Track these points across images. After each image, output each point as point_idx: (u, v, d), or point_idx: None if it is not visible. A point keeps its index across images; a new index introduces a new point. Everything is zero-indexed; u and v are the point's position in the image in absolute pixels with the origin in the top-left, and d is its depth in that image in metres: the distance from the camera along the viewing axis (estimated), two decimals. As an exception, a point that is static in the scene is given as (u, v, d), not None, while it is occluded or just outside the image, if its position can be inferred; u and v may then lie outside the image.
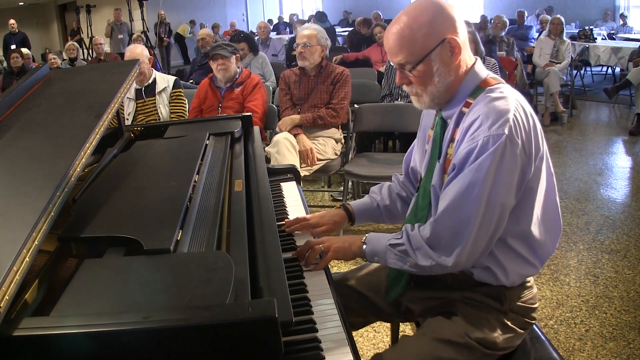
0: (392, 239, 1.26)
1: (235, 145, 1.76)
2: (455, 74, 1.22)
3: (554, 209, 1.27)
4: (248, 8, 16.30)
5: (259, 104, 3.33)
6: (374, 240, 1.30)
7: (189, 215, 1.15)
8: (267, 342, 0.79)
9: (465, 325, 1.25)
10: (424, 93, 1.24)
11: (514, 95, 1.19)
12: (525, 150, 1.14)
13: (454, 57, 1.20)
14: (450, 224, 1.16)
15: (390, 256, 1.25)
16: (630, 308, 2.41)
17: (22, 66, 6.57)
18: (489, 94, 1.18)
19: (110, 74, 1.77)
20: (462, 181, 1.14)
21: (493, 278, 1.25)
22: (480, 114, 1.15)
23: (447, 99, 1.25)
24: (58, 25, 15.64)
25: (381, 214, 1.55)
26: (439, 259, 1.17)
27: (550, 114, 5.84)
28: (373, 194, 1.57)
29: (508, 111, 1.13)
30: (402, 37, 1.20)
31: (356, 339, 1.60)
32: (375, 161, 3.35)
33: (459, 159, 1.17)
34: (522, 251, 1.24)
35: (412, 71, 1.21)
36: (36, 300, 0.97)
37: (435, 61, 1.20)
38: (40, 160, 1.16)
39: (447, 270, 1.19)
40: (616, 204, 3.67)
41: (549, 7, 10.60)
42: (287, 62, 6.22)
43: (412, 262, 1.21)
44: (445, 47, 1.19)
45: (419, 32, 1.18)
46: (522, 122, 1.14)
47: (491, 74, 1.27)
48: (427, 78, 1.21)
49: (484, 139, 1.12)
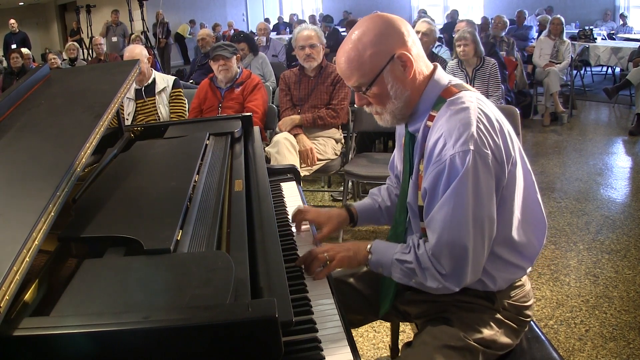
0: (399, 253, 1.24)
1: (235, 145, 1.76)
2: (412, 88, 1.20)
3: (536, 205, 1.26)
4: (248, 8, 16.30)
5: (259, 104, 3.33)
6: (380, 251, 1.27)
7: (189, 215, 1.15)
8: (267, 342, 0.79)
9: (462, 328, 1.24)
10: (384, 111, 1.23)
11: (476, 103, 1.16)
12: (496, 157, 1.12)
13: (407, 72, 1.18)
14: (449, 254, 1.14)
15: (396, 270, 1.24)
16: (630, 308, 2.41)
17: (22, 66, 6.57)
18: (451, 107, 1.16)
19: (110, 74, 1.77)
20: (446, 209, 1.12)
21: (480, 285, 1.26)
22: (442, 132, 1.13)
23: (408, 113, 1.24)
24: (58, 25, 15.63)
25: (383, 215, 1.54)
26: (446, 283, 1.16)
27: (550, 114, 5.83)
28: (374, 196, 1.56)
29: (470, 124, 1.11)
30: (350, 60, 1.18)
31: (356, 339, 1.60)
32: (375, 161, 3.35)
33: (429, 182, 1.15)
34: (509, 257, 1.24)
35: (367, 92, 1.20)
36: (36, 300, 0.97)
37: (388, 79, 1.18)
38: (40, 160, 1.16)
39: (453, 291, 1.19)
40: (616, 204, 3.67)
41: (549, 7, 10.59)
42: (287, 62, 6.22)
43: (419, 281, 1.20)
44: (395, 63, 1.17)
45: (365, 53, 1.16)
46: (487, 131, 1.12)
47: (454, 79, 1.24)
48: (384, 97, 1.20)
49: (450, 158, 1.10)
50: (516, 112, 2.73)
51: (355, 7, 14.42)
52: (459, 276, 1.15)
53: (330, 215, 1.53)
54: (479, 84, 4.16)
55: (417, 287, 1.23)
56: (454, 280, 1.16)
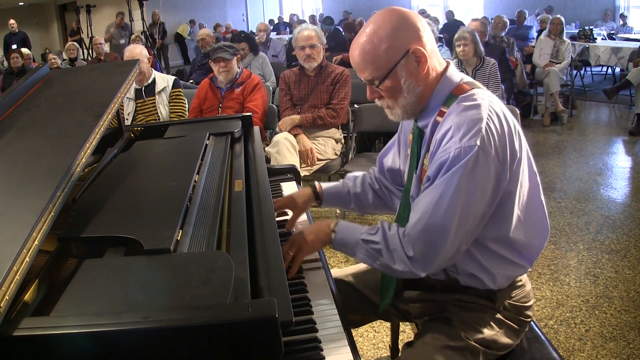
0: (365, 234, 1.23)
1: (236, 145, 1.76)
2: (425, 83, 1.21)
3: (539, 208, 1.26)
4: (248, 8, 16.30)
5: (259, 104, 3.33)
6: (345, 230, 1.27)
7: (189, 215, 1.15)
8: (267, 342, 0.79)
9: (462, 328, 1.24)
10: (396, 105, 1.23)
11: (487, 101, 1.16)
12: (499, 158, 1.12)
13: (421, 67, 1.19)
14: (425, 238, 1.13)
15: (360, 251, 1.23)
16: (630, 308, 2.41)
17: (22, 66, 6.57)
18: (462, 103, 1.16)
19: (110, 74, 1.77)
20: (433, 193, 1.12)
21: (479, 283, 1.25)
22: (452, 125, 1.13)
23: (419, 109, 1.24)
24: (58, 25, 15.63)
25: (350, 200, 1.54)
26: (413, 267, 1.16)
27: (550, 114, 5.83)
28: (346, 180, 1.57)
29: (480, 120, 1.11)
30: (365, 53, 1.19)
31: (356, 339, 1.60)
32: (375, 161, 3.34)
33: (432, 170, 1.15)
34: (507, 254, 1.23)
35: (380, 86, 1.20)
36: (36, 300, 0.97)
37: (401, 73, 1.18)
38: (40, 161, 1.16)
39: (416, 277, 1.18)
40: (616, 204, 3.67)
41: (549, 7, 10.60)
42: (287, 62, 6.22)
43: (384, 262, 1.19)
44: (410, 58, 1.17)
45: (380, 46, 1.17)
46: (495, 130, 1.12)
47: (465, 77, 1.25)
48: (396, 91, 1.20)
49: (456, 151, 1.10)
50: (516, 112, 2.73)
51: (355, 7, 14.42)
52: (427, 262, 1.14)
53: (294, 198, 1.54)
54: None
55: (381, 270, 1.23)
56: (421, 265, 1.15)
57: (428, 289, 1.34)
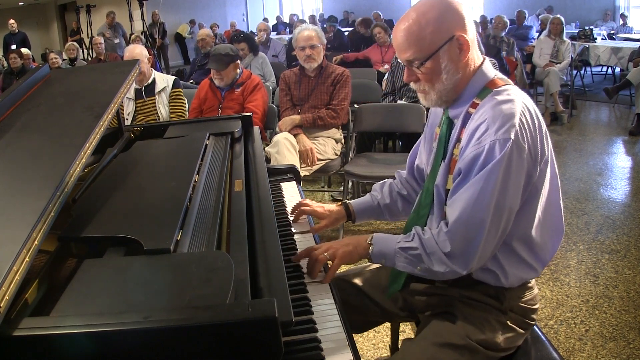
0: (402, 242, 1.24)
1: (236, 146, 1.76)
2: (463, 72, 1.22)
3: (557, 211, 1.28)
4: (248, 8, 16.30)
5: (259, 105, 3.32)
6: (381, 242, 1.27)
7: (189, 216, 1.15)
8: (267, 342, 0.79)
9: (465, 327, 1.24)
10: (432, 90, 1.24)
11: (521, 98, 1.18)
12: (531, 154, 1.14)
13: (462, 55, 1.20)
14: (464, 233, 1.15)
15: (399, 259, 1.24)
16: (630, 308, 2.41)
17: (22, 66, 6.57)
18: (496, 97, 1.18)
19: (110, 74, 1.76)
20: (473, 189, 1.14)
21: (492, 279, 1.25)
22: (486, 118, 1.15)
23: (454, 97, 1.25)
24: (58, 25, 15.63)
25: (382, 212, 1.55)
26: (453, 266, 1.17)
27: (550, 114, 5.84)
28: (374, 192, 1.57)
29: (514, 115, 1.13)
30: (410, 34, 1.19)
31: (356, 339, 1.60)
32: (376, 161, 3.35)
33: (465, 163, 1.16)
34: (524, 254, 1.24)
35: (420, 68, 1.21)
36: (36, 300, 0.97)
37: (443, 58, 1.19)
38: (40, 160, 1.16)
39: (459, 275, 1.19)
40: (616, 204, 3.67)
41: (549, 7, 10.60)
42: (287, 62, 6.22)
43: (425, 267, 1.20)
44: (453, 44, 1.19)
45: (427, 28, 1.18)
46: (528, 125, 1.14)
47: (499, 74, 1.26)
48: (435, 75, 1.21)
49: (490, 144, 1.12)
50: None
51: (355, 7, 14.42)
52: (466, 258, 1.16)
53: (330, 210, 1.55)
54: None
55: (422, 275, 1.23)
56: (461, 262, 1.16)
57: (437, 281, 1.34)
